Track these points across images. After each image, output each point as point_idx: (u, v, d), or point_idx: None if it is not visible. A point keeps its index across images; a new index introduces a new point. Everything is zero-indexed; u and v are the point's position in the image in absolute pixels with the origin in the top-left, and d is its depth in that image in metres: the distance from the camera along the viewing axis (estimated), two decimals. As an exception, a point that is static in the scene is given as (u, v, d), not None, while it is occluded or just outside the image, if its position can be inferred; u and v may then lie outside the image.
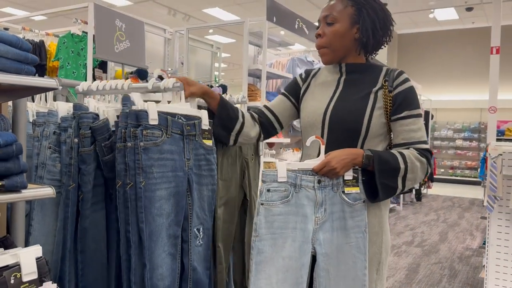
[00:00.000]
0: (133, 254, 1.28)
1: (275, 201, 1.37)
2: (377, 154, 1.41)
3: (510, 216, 3.36)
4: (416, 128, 1.46)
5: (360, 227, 1.42)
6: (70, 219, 1.29)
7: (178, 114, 1.43)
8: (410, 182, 1.44)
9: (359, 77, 1.52)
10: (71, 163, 1.31)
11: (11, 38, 0.99)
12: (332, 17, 1.48)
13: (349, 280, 1.41)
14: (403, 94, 1.46)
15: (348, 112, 1.47)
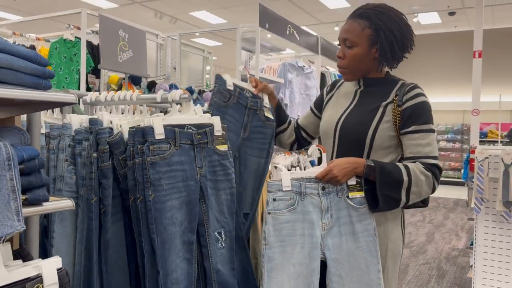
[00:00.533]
0: (146, 263, 1.32)
1: (282, 210, 1.41)
2: (379, 165, 1.44)
3: (497, 218, 3.46)
4: (425, 143, 1.47)
5: (369, 230, 1.45)
6: (94, 232, 1.32)
7: (187, 125, 1.46)
8: (415, 195, 1.45)
9: (374, 90, 1.57)
10: (91, 177, 1.33)
11: (30, 54, 1.01)
12: (350, 41, 1.52)
13: (364, 285, 1.44)
14: (411, 108, 1.48)
15: (356, 124, 1.53)
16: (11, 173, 0.88)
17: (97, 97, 1.49)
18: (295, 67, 4.25)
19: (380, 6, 1.54)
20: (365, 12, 1.52)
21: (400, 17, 1.54)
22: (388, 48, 1.50)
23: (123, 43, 2.78)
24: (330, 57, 5.09)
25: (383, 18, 1.49)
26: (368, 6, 1.54)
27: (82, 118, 1.46)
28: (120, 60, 2.79)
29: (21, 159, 0.92)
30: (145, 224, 1.31)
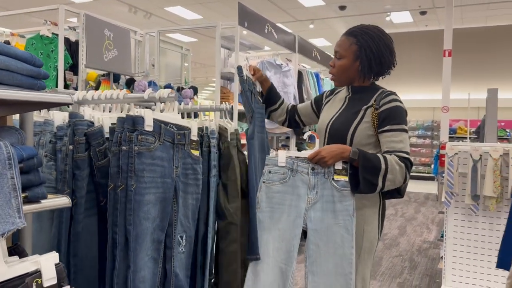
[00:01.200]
0: (118, 255, 1.32)
1: (275, 181, 1.67)
2: (362, 152, 1.65)
3: (465, 211, 3.62)
4: (398, 140, 1.69)
5: (348, 210, 1.65)
6: (65, 224, 1.33)
7: (170, 123, 1.49)
8: (390, 182, 1.64)
9: (359, 97, 1.83)
10: (65, 169, 1.34)
11: (25, 55, 1.03)
12: (340, 53, 1.82)
13: (337, 256, 1.65)
14: (387, 111, 1.72)
15: (340, 124, 1.80)
16: (12, 171, 0.91)
17: (84, 96, 1.51)
18: (273, 65, 4.31)
19: (369, 28, 1.81)
20: (355, 31, 1.80)
21: (383, 38, 1.78)
22: (366, 63, 1.77)
23: (108, 42, 2.78)
24: (307, 56, 5.18)
25: (366, 38, 1.76)
26: (359, 26, 1.83)
27: (65, 115, 1.47)
28: (105, 59, 2.80)
29: (21, 158, 0.95)
30: (122, 214, 1.32)
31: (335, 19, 11.27)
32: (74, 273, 1.38)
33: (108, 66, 2.96)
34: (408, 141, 1.73)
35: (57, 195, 1.04)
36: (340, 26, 11.97)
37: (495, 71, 12.03)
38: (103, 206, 1.43)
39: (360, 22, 1.90)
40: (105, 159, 1.43)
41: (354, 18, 11.21)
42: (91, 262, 1.41)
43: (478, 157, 3.52)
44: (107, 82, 3.47)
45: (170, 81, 4.11)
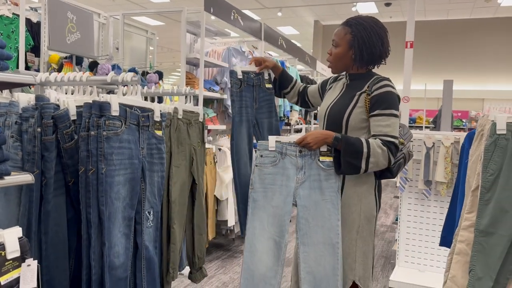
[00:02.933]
0: (93, 234, 1.40)
1: (266, 164, 1.84)
2: (345, 137, 1.79)
3: (419, 195, 3.84)
4: (385, 124, 1.80)
5: (333, 187, 1.81)
6: (35, 203, 1.37)
7: (134, 106, 1.55)
8: (373, 165, 1.77)
9: (355, 84, 1.94)
10: (34, 151, 1.38)
11: (-12, 36, 1.06)
12: (336, 42, 1.93)
13: (326, 229, 1.81)
14: (377, 96, 1.83)
15: (336, 110, 1.91)
16: (-25, 148, 0.95)
17: (47, 77, 1.53)
18: (239, 52, 4.37)
19: (364, 19, 1.91)
20: (351, 21, 1.91)
21: (376, 29, 1.90)
22: (358, 51, 1.88)
23: (71, 25, 2.76)
24: (273, 44, 5.25)
25: (360, 28, 1.87)
26: (356, 17, 1.93)
27: (30, 97, 1.49)
28: (68, 41, 2.78)
29: (-16, 136, 0.98)
30: (95, 196, 1.39)
31: (303, 7, 11.37)
32: (46, 250, 1.43)
33: (70, 48, 2.96)
34: (397, 125, 1.84)
35: (21, 172, 1.08)
36: (308, 14, 12.10)
37: (452, 63, 12.50)
38: (71, 186, 1.47)
39: (327, 11, 2.04)
40: (72, 141, 1.47)
41: (321, 8, 11.35)
42: (61, 238, 1.46)
43: (431, 145, 3.72)
44: (70, 64, 3.42)
45: (135, 65, 4.09)
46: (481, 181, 1.57)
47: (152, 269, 1.59)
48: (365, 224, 1.88)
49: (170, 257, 1.83)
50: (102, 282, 1.41)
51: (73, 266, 1.50)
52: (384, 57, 1.96)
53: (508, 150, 1.52)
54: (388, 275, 3.80)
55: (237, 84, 2.11)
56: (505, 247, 1.52)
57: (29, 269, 1.07)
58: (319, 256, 1.81)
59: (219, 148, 4.08)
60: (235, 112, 2.10)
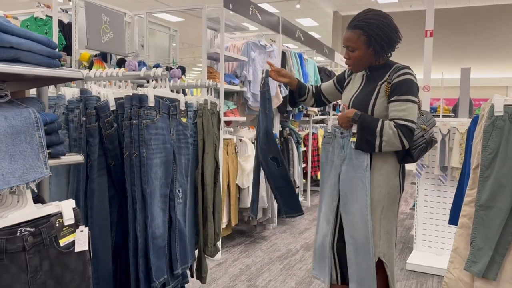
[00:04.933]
0: (137, 208, 1.61)
1: (326, 143, 2.18)
2: (363, 115, 1.98)
3: (435, 181, 3.94)
4: (400, 109, 1.93)
5: (362, 165, 1.99)
6: (82, 182, 1.59)
7: (164, 98, 1.75)
8: (386, 143, 1.92)
9: (375, 75, 2.07)
10: (80, 137, 1.60)
11: (44, 39, 1.26)
12: (351, 47, 2.02)
13: (358, 203, 2.01)
14: (396, 84, 1.96)
15: (359, 102, 2.07)
16: (39, 132, 1.15)
17: (87, 73, 1.73)
18: (258, 46, 4.52)
19: (369, 16, 2.00)
20: (359, 23, 1.99)
21: (385, 21, 1.99)
22: (379, 47, 1.99)
23: (105, 26, 2.99)
24: (290, 36, 5.39)
25: (372, 27, 1.97)
26: (360, 18, 2.01)
27: (74, 91, 1.71)
28: (103, 41, 3.02)
29: (45, 122, 1.18)
30: (138, 176, 1.61)
31: (321, -1, 11.41)
32: (91, 223, 1.65)
33: (105, 47, 3.25)
34: (414, 110, 1.94)
35: (73, 154, 1.28)
36: (326, 5, 12.13)
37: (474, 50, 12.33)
38: (112, 167, 1.69)
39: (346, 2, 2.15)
40: (112, 129, 1.68)
41: (339, -1, 11.36)
42: (104, 214, 1.68)
43: (447, 131, 3.82)
44: (100, 62, 3.66)
45: (159, 61, 4.31)
46: (481, 159, 1.71)
47: (183, 240, 1.80)
48: (389, 204, 2.03)
49: (207, 234, 2.06)
50: (146, 250, 1.62)
51: (114, 238, 1.72)
52: (399, 42, 2.07)
53: (505, 130, 1.65)
54: (405, 259, 3.93)
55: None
56: (503, 219, 1.65)
57: (82, 234, 1.27)
58: (356, 224, 2.02)
59: (239, 138, 4.26)
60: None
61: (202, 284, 2.25)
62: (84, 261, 1.28)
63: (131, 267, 1.62)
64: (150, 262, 1.60)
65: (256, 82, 4.49)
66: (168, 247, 1.75)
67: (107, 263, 1.64)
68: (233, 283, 3.28)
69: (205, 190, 2.08)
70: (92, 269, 1.59)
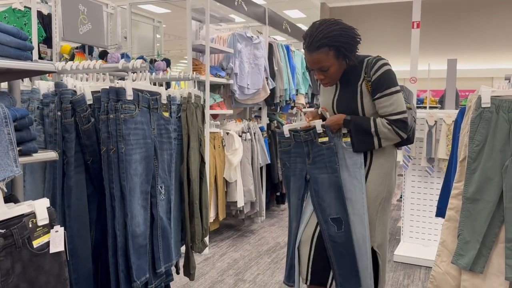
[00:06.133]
0: (116, 206, 1.56)
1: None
2: (354, 119, 1.98)
3: (422, 173, 3.94)
4: (388, 104, 1.94)
5: (357, 164, 1.99)
6: (58, 179, 1.53)
7: (144, 91, 1.69)
8: (384, 140, 1.96)
9: (349, 75, 2.02)
10: (55, 132, 1.53)
11: (13, 30, 1.19)
12: (325, 66, 1.95)
13: (353, 201, 2.00)
14: (377, 80, 1.94)
15: (346, 106, 2.04)
16: (8, 128, 1.09)
17: (64, 66, 1.66)
18: (244, 38, 4.46)
19: (325, 31, 1.89)
20: (321, 42, 1.89)
21: (339, 26, 1.92)
22: (349, 53, 1.94)
23: (82, 16, 2.91)
24: (277, 28, 5.33)
25: (335, 38, 1.89)
26: (317, 37, 1.89)
27: (49, 84, 1.64)
28: (80, 32, 2.93)
29: (15, 118, 1.12)
30: (116, 172, 1.55)
31: (308, -10, 11.32)
32: (69, 222, 1.59)
33: (83, 39, 3.15)
34: (401, 99, 1.95)
35: (46, 150, 1.22)
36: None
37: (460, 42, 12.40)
38: (90, 164, 1.63)
39: None
40: (89, 124, 1.62)
41: (326, -10, 11.29)
42: (83, 211, 1.62)
43: (433, 123, 3.81)
44: (81, 54, 3.57)
45: (143, 53, 4.22)
46: (468, 152, 1.68)
47: (166, 237, 1.75)
48: (388, 196, 2.08)
49: (195, 230, 2.01)
50: (126, 249, 1.57)
51: (93, 236, 1.67)
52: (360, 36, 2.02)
53: (492, 122, 1.63)
54: (392, 250, 3.93)
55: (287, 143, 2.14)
56: (490, 212, 1.64)
57: (57, 234, 1.22)
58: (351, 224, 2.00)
59: (226, 132, 4.21)
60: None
61: (190, 280, 2.21)
62: (60, 262, 1.23)
63: (110, 266, 1.57)
64: (131, 261, 1.55)
65: (243, 75, 4.44)
66: (151, 245, 1.70)
67: (86, 262, 1.59)
68: (221, 278, 3.25)
69: (191, 186, 2.03)
70: (72, 268, 1.54)
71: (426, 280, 3.30)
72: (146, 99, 1.67)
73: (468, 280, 1.68)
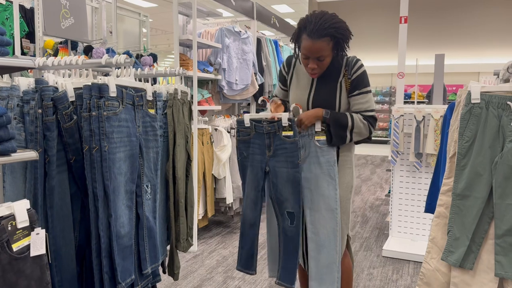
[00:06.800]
0: (100, 206, 1.51)
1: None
2: (333, 113, 2.03)
3: (410, 168, 3.95)
4: (364, 101, 2.07)
5: (330, 162, 2.05)
6: (39, 179, 1.47)
7: (129, 87, 1.64)
8: (356, 135, 2.06)
9: (327, 73, 2.07)
10: (36, 131, 1.47)
11: (-12, 24, 1.14)
12: (323, 56, 1.97)
13: (325, 197, 2.06)
14: (356, 79, 2.05)
15: (324, 100, 2.08)
16: (-17, 127, 1.04)
17: (45, 62, 1.61)
18: (232, 32, 4.41)
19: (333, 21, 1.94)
20: (326, 31, 1.91)
21: (343, 21, 1.99)
22: (344, 48, 2.01)
23: (64, 10, 2.82)
24: (265, 23, 5.28)
25: (339, 31, 1.94)
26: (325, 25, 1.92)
27: (29, 81, 1.58)
28: (62, 26, 2.85)
29: (-9, 116, 1.07)
30: (100, 171, 1.50)
31: (296, -15, 11.28)
32: (52, 223, 1.53)
33: (65, 33, 3.06)
34: (372, 98, 2.11)
35: (26, 150, 1.17)
36: (302, -8, 12.00)
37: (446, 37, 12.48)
38: (72, 163, 1.58)
39: None
40: (71, 121, 1.56)
41: (315, -15, 11.25)
42: (66, 212, 1.57)
43: (421, 118, 3.82)
44: (65, 49, 3.49)
45: (129, 48, 4.15)
46: (458, 148, 1.67)
47: (152, 237, 1.71)
48: (350, 187, 2.18)
49: (180, 229, 1.97)
50: (110, 250, 1.53)
51: (77, 237, 1.62)
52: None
53: (482, 118, 1.62)
54: (381, 245, 3.94)
55: (246, 133, 2.14)
56: (480, 208, 1.63)
57: (38, 237, 1.17)
58: (322, 220, 2.07)
59: (215, 128, 4.17)
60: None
61: (174, 280, 2.18)
62: (41, 265, 1.18)
63: (94, 268, 1.52)
64: (115, 263, 1.50)
65: (231, 70, 4.39)
66: (136, 245, 1.66)
67: (70, 264, 1.55)
68: (209, 275, 3.22)
69: (176, 184, 1.99)
70: (55, 270, 1.50)
71: (415, 275, 3.32)
72: (130, 95, 1.62)
73: (458, 276, 1.68)
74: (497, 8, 12.01)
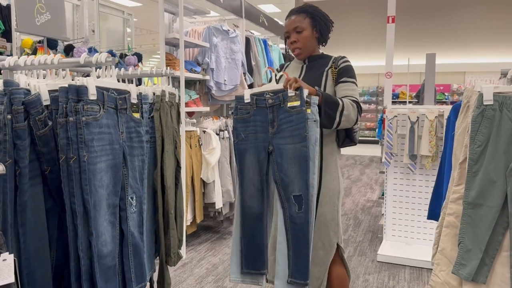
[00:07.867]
0: (79, 224, 1.34)
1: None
2: (325, 92, 1.99)
3: (404, 170, 3.86)
4: (350, 89, 2.07)
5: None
6: (9, 194, 1.29)
7: (111, 89, 1.48)
8: (345, 118, 1.96)
9: (316, 64, 2.17)
10: (5, 139, 1.30)
11: None
12: (300, 27, 2.08)
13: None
14: (343, 68, 2.10)
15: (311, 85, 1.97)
16: None
17: (16, 61, 1.44)
18: (220, 31, 4.26)
19: (313, 6, 2.14)
20: (302, 8, 2.12)
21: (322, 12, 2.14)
22: (322, 27, 2.12)
23: (39, 5, 2.62)
24: (254, 22, 5.14)
25: (315, 11, 2.11)
26: (304, 6, 2.13)
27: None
28: (37, 23, 2.65)
29: None
30: (78, 185, 1.33)
31: (283, -16, 11.18)
32: (24, 242, 1.36)
33: (40, 30, 2.83)
34: (357, 92, 2.11)
35: (-10, 162, 1.01)
36: (288, -9, 11.90)
37: (434, 37, 12.51)
38: (47, 174, 1.40)
39: None
40: (46, 128, 1.39)
41: (301, -16, 11.17)
42: (40, 229, 1.39)
43: (416, 119, 3.72)
44: (44, 49, 3.30)
45: (112, 48, 3.97)
46: (469, 153, 1.55)
47: (138, 255, 1.55)
48: (342, 189, 2.14)
49: (170, 243, 1.81)
50: (91, 272, 1.36)
51: (54, 257, 1.45)
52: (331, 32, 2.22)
53: (495, 121, 1.50)
54: (376, 249, 3.84)
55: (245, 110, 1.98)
56: (494, 218, 1.51)
57: (5, 264, 1.01)
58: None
59: (203, 130, 4.01)
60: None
61: (165, 296, 2.02)
62: (10, 296, 1.02)
63: (73, 293, 1.35)
64: (97, 286, 1.34)
65: (220, 70, 4.24)
66: (121, 264, 1.49)
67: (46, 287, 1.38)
68: (199, 286, 3.07)
69: (165, 194, 1.83)
70: (29, 295, 1.33)
71: (411, 280, 3.21)
72: (112, 98, 1.46)
73: (469, 291, 1.56)
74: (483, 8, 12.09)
